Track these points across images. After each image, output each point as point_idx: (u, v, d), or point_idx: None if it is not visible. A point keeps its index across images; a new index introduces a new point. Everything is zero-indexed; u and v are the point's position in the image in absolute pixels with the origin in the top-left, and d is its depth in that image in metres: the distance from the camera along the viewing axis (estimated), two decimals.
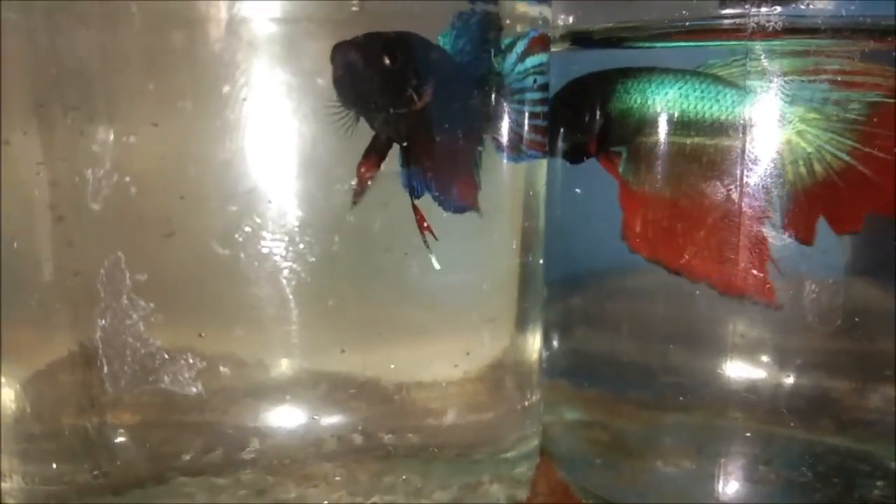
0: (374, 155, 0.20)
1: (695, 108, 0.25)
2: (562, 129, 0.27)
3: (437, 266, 0.22)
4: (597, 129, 0.26)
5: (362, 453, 0.22)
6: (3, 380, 0.22)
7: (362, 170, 0.20)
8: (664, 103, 0.25)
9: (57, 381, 0.21)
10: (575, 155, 0.27)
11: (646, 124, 0.26)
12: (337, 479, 0.22)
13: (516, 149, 0.24)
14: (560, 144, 0.28)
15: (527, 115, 0.24)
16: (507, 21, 0.23)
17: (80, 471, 0.21)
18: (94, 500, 0.21)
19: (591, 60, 0.28)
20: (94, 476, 0.21)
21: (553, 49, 0.27)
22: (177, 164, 0.20)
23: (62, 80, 0.20)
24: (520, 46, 0.23)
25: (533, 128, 0.24)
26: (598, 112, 0.26)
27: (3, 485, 0.22)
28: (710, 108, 0.24)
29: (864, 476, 0.25)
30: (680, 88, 0.25)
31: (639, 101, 0.26)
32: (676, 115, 0.25)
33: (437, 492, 0.23)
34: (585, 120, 0.27)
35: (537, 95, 0.24)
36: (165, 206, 0.20)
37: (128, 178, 0.20)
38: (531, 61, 0.23)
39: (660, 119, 0.25)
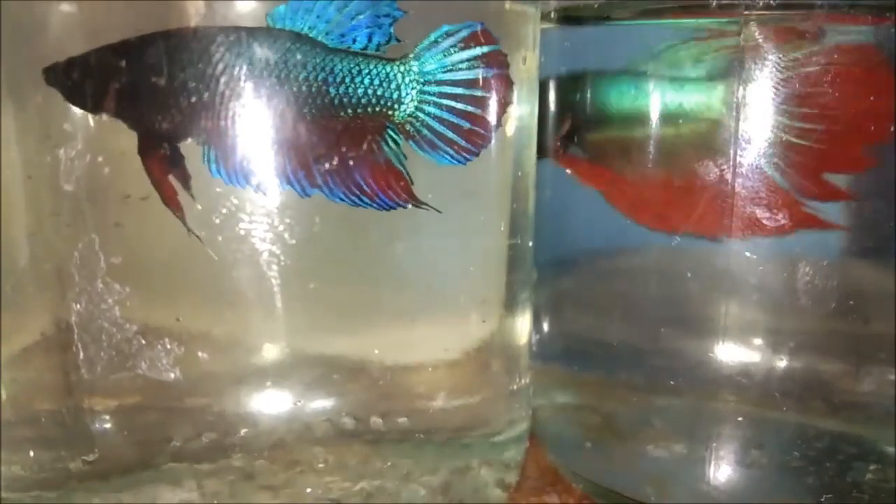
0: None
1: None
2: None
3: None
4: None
5: (350, 438, 0.22)
6: None
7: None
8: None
9: (32, 366, 0.21)
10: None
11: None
12: (325, 463, 0.22)
13: (433, 145, 0.21)
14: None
15: (447, 111, 0.21)
16: None
17: (59, 458, 0.21)
18: (78, 485, 0.21)
19: (583, 37, 0.27)
20: (74, 462, 0.21)
21: (545, 26, 0.26)
22: None
23: (34, 57, 0.19)
24: (449, 41, 0.21)
25: (445, 123, 0.21)
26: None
27: None
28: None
29: (856, 459, 0.25)
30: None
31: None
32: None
33: (426, 476, 0.23)
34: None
35: (461, 91, 0.21)
36: (140, 186, 0.20)
37: (101, 158, 0.19)
38: (463, 55, 0.21)
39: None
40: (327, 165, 0.20)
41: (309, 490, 0.22)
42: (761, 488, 0.25)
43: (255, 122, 0.19)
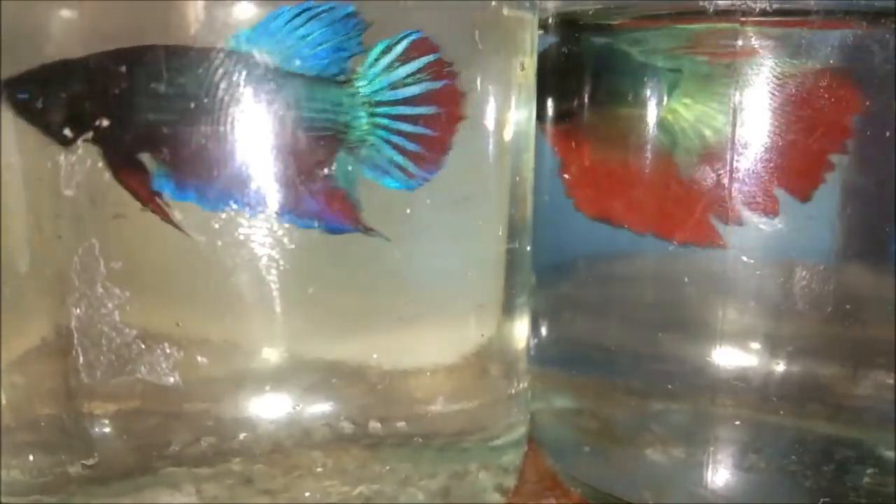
0: None
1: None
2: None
3: None
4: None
5: (349, 442, 0.22)
6: None
7: None
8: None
9: (32, 370, 0.21)
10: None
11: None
12: (323, 468, 0.22)
13: (384, 171, 0.21)
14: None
15: (394, 132, 0.21)
16: (493, 3, 0.23)
17: (58, 462, 0.21)
18: (78, 490, 0.21)
19: (581, 43, 0.27)
20: (74, 467, 0.21)
21: (543, 33, 0.26)
22: None
23: (35, 62, 0.19)
24: (389, 56, 0.21)
25: (398, 147, 0.21)
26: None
27: None
28: None
29: (854, 463, 0.25)
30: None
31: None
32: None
33: (425, 480, 0.23)
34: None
35: (410, 111, 0.21)
36: None
37: (101, 164, 0.19)
38: (405, 69, 0.21)
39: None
40: (277, 187, 0.20)
41: (307, 494, 0.22)
42: (759, 492, 0.25)
43: (206, 141, 0.19)
